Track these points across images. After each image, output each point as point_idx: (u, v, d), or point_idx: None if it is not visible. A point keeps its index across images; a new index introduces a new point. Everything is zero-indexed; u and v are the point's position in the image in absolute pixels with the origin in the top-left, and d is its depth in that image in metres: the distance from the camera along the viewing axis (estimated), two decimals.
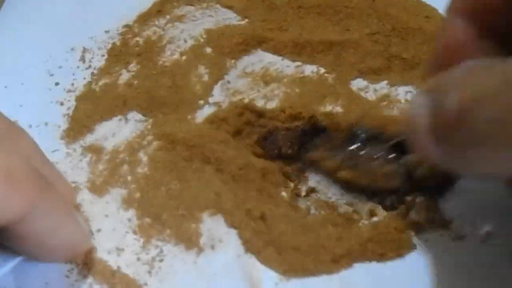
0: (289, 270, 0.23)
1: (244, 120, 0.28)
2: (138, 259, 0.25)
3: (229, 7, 0.34)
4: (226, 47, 0.32)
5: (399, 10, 0.33)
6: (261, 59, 0.32)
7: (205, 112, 0.29)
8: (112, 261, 0.25)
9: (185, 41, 0.32)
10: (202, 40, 0.32)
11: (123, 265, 0.25)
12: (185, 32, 0.33)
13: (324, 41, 0.32)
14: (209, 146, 0.27)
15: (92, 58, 0.32)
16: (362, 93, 0.30)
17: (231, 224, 0.25)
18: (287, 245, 0.24)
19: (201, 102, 0.30)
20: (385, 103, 0.30)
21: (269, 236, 0.24)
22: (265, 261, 0.24)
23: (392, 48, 0.32)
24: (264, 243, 0.24)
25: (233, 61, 0.32)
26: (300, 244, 0.23)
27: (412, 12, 0.33)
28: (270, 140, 0.27)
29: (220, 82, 0.31)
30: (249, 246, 0.24)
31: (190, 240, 0.25)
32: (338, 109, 0.29)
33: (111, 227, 0.26)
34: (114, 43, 0.33)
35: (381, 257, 0.24)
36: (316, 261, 0.23)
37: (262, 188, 0.25)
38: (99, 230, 0.26)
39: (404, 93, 0.30)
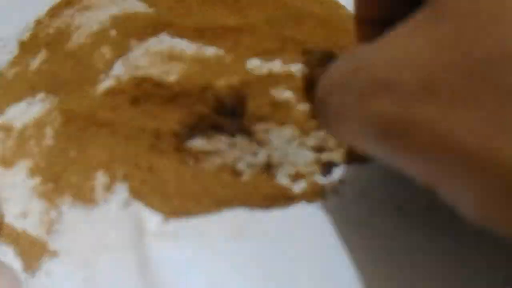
0: (172, 212, 0.26)
1: (141, 90, 0.31)
2: (41, 221, 0.28)
3: None
4: (132, 30, 0.35)
5: None
6: (164, 41, 0.36)
7: (105, 85, 0.33)
8: (18, 224, 0.28)
9: (91, 27, 0.35)
10: (107, 24, 0.36)
11: (28, 227, 0.28)
12: (92, 19, 0.36)
13: (224, 26, 0.36)
14: (104, 113, 0.30)
15: (3, 53, 0.35)
16: (256, 71, 0.34)
17: (123, 176, 0.28)
18: (172, 191, 0.27)
19: (102, 76, 0.33)
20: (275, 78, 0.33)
21: (156, 183, 0.27)
22: (150, 205, 0.27)
23: (286, 30, 0.36)
24: (150, 189, 0.27)
25: (137, 42, 0.35)
26: (185, 189, 0.27)
27: None
28: None
29: (121, 58, 0.34)
30: (136, 194, 0.27)
31: (85, 197, 0.28)
32: (232, 82, 0.33)
33: (18, 195, 0.29)
34: (25, 37, 0.36)
35: (266, 206, 0.27)
36: (198, 204, 0.26)
37: (153, 145, 0.28)
38: (7, 199, 0.29)
39: (294, 71, 0.34)
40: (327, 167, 0.30)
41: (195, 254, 0.26)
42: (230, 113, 0.31)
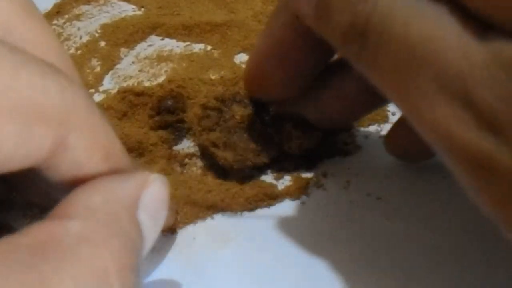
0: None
1: (126, 103, 0.33)
2: None
3: (126, 0, 0.40)
4: (121, 39, 0.38)
5: None
6: (153, 44, 0.38)
7: (95, 100, 0.35)
8: None
9: (81, 38, 0.38)
10: (97, 35, 0.38)
11: None
12: (82, 29, 0.39)
13: (212, 22, 0.39)
14: None
15: None
16: (244, 66, 0.36)
17: None
18: None
19: (92, 91, 0.35)
20: None
21: None
22: None
23: None
24: None
25: (126, 50, 0.37)
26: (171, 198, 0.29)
27: None
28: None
29: (111, 72, 0.36)
30: None
31: None
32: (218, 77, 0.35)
33: None
34: None
35: (251, 207, 0.30)
36: (183, 213, 0.29)
37: (142, 151, 0.31)
38: None
39: None
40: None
41: (182, 269, 0.27)
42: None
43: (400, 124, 0.28)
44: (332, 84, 0.27)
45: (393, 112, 0.32)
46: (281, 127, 0.30)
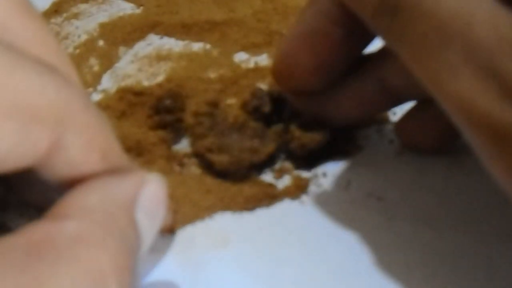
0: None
1: (125, 103, 0.33)
2: None
3: None
4: (119, 38, 0.38)
5: None
6: (152, 43, 0.38)
7: (93, 99, 0.35)
8: None
9: (79, 36, 0.38)
10: (95, 34, 0.38)
11: None
12: (80, 28, 0.39)
13: (211, 21, 0.39)
14: None
15: None
16: (243, 64, 0.36)
17: None
18: None
19: (90, 90, 0.35)
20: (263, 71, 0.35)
21: None
22: None
23: (273, 25, 0.38)
24: None
25: (125, 49, 0.37)
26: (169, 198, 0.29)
27: None
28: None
29: (109, 71, 0.36)
30: None
31: None
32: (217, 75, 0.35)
33: None
34: None
35: (250, 207, 0.30)
36: (181, 213, 0.29)
37: (140, 151, 0.31)
38: None
39: None
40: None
41: (181, 269, 0.27)
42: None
43: (413, 111, 0.29)
44: (351, 82, 0.28)
45: (394, 112, 0.32)
46: (286, 126, 0.30)
